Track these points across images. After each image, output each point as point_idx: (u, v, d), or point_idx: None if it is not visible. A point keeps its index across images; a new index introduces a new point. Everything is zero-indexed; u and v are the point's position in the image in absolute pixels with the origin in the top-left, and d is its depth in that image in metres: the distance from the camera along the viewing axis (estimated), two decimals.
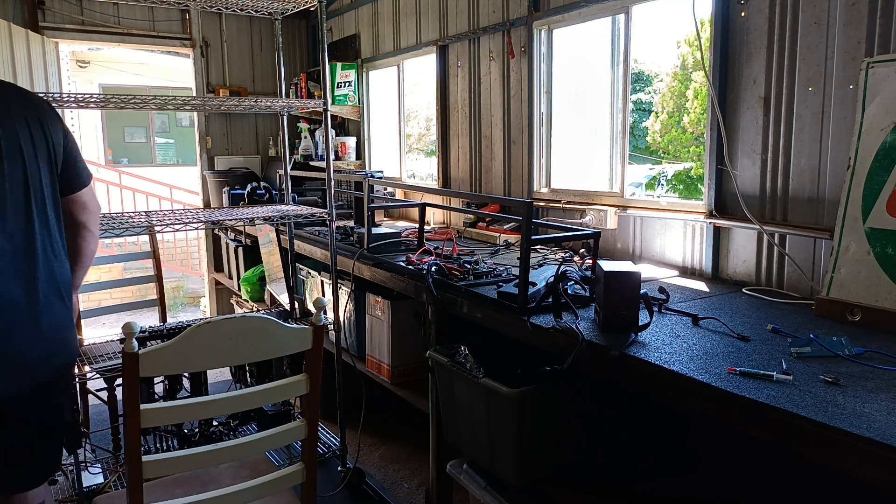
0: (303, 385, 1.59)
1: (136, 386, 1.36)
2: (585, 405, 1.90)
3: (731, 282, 2.34)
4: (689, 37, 9.30)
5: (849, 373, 1.39)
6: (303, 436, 1.61)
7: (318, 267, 3.45)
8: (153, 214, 2.59)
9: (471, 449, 2.06)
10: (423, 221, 2.92)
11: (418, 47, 4.03)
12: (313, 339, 1.57)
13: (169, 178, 9.26)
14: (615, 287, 1.68)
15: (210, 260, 5.55)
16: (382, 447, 3.31)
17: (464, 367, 1.95)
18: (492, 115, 3.47)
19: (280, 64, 3.07)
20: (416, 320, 2.74)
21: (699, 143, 10.00)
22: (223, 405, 1.54)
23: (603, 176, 2.95)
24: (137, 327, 1.37)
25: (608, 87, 2.88)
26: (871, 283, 1.74)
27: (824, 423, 1.15)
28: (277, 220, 2.73)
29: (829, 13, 2.00)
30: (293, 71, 5.50)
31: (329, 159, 2.76)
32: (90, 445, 2.85)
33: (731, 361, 1.48)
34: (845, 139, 1.98)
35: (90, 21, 4.74)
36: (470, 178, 3.71)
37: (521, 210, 1.97)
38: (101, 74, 10.05)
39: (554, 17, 3.01)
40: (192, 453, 1.46)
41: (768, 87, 2.19)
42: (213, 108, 4.04)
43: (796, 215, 2.15)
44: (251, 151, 5.54)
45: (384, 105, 4.68)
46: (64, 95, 2.20)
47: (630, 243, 2.76)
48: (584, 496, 1.83)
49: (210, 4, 2.67)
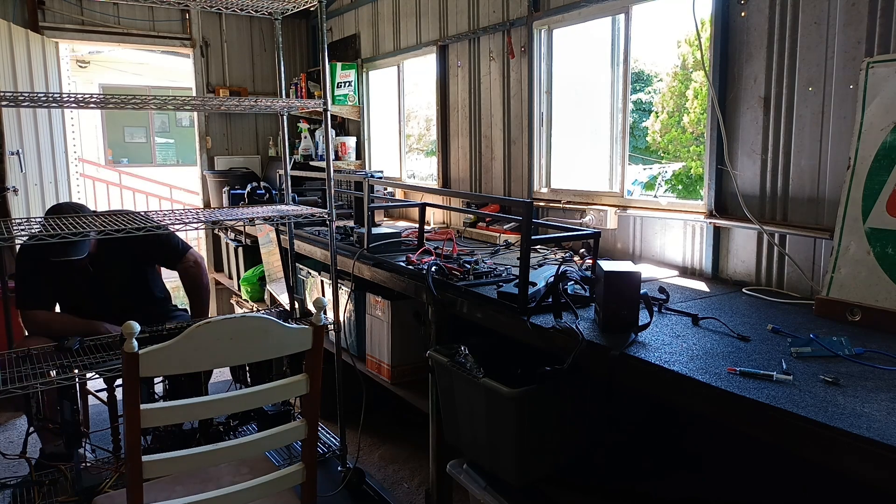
0: (303, 385, 1.59)
1: (136, 386, 1.36)
2: (585, 405, 1.90)
3: (731, 282, 2.34)
4: (689, 37, 9.31)
5: (849, 373, 1.39)
6: (303, 436, 1.61)
7: (318, 267, 3.45)
8: (153, 214, 2.59)
9: (471, 449, 2.06)
10: (423, 221, 2.92)
11: (418, 47, 4.03)
12: (313, 339, 1.57)
13: (169, 178, 9.25)
14: (615, 287, 1.68)
15: (210, 260, 5.54)
16: (382, 447, 3.30)
17: (464, 367, 1.95)
18: (492, 115, 3.47)
19: (280, 64, 3.07)
20: (416, 320, 2.74)
21: (699, 143, 10.00)
22: (223, 405, 1.54)
23: (603, 176, 2.96)
24: (137, 327, 1.36)
25: (608, 87, 2.88)
26: (871, 283, 1.74)
27: (824, 422, 1.15)
28: (277, 220, 2.73)
29: (829, 13, 2.00)
30: (293, 71, 5.49)
31: (329, 159, 2.76)
32: (90, 445, 2.85)
33: (731, 361, 1.48)
34: (845, 139, 1.98)
35: (90, 21, 4.74)
36: (470, 178, 3.71)
37: (521, 210, 1.97)
38: (100, 74, 10.05)
39: (554, 17, 3.01)
40: (192, 453, 1.46)
41: (768, 87, 2.19)
42: (213, 108, 4.04)
43: (796, 215, 2.15)
44: (251, 151, 5.54)
45: (384, 105, 4.68)
46: (64, 95, 2.20)
47: (630, 243, 2.76)
48: (584, 496, 1.83)
49: (210, 4, 2.66)
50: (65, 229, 2.06)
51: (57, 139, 4.57)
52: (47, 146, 4.41)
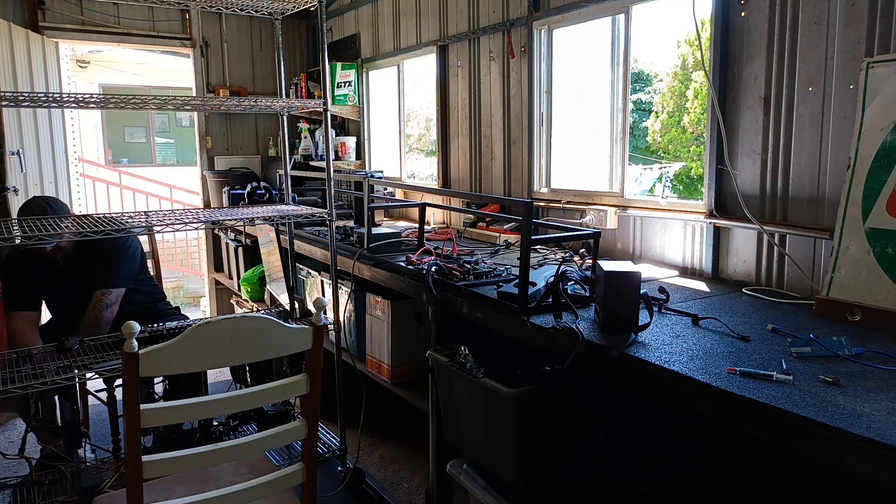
0: (303, 385, 1.59)
1: (136, 386, 1.36)
2: (585, 405, 1.90)
3: (731, 282, 2.34)
4: (689, 37, 9.30)
5: (849, 373, 1.39)
6: (303, 436, 1.61)
7: (318, 267, 3.45)
8: (153, 214, 2.59)
9: (471, 449, 2.06)
10: (423, 221, 2.92)
11: (418, 47, 4.03)
12: (313, 339, 1.57)
13: (169, 178, 9.25)
14: (615, 287, 1.68)
15: (210, 260, 5.55)
16: (382, 447, 3.31)
17: (464, 367, 1.95)
18: (492, 115, 3.47)
19: (280, 64, 3.07)
20: (416, 320, 2.74)
21: (699, 143, 10.00)
22: (223, 405, 1.54)
23: (603, 176, 2.96)
24: (137, 327, 1.36)
25: (608, 87, 2.88)
26: (871, 283, 1.74)
27: (824, 422, 1.15)
28: (277, 220, 2.73)
29: (829, 13, 2.00)
30: (293, 71, 5.49)
31: (329, 159, 2.76)
32: (90, 445, 2.85)
33: (731, 361, 1.48)
34: (845, 139, 1.98)
35: (90, 21, 4.74)
36: (470, 178, 3.71)
37: (521, 210, 1.97)
38: (101, 74, 10.05)
39: (554, 17, 3.01)
40: (192, 453, 1.46)
41: (768, 87, 2.19)
42: (213, 108, 4.04)
43: (796, 215, 2.15)
44: (251, 151, 5.54)
45: (384, 105, 4.68)
46: (64, 95, 2.19)
47: (630, 243, 2.76)
48: (584, 496, 1.83)
49: (210, 4, 2.66)
50: (35, 231, 2.04)
51: (57, 139, 4.57)
52: (47, 146, 4.41)
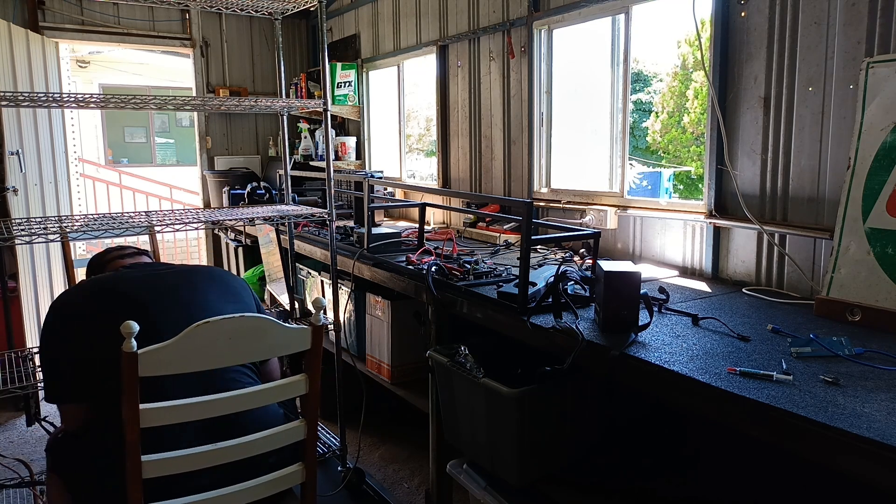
0: (302, 385, 1.59)
1: (136, 386, 1.36)
2: (585, 405, 1.90)
3: (731, 282, 2.34)
4: (689, 37, 9.32)
5: (849, 373, 1.39)
6: (303, 436, 1.61)
7: (318, 267, 3.45)
8: (153, 214, 2.59)
9: (471, 449, 2.06)
10: (423, 221, 2.92)
11: (418, 47, 4.03)
12: (313, 339, 1.57)
13: (169, 178, 9.26)
14: (615, 287, 1.68)
15: (210, 260, 5.54)
16: (382, 447, 3.30)
17: (464, 367, 1.95)
18: (492, 115, 3.47)
19: (280, 64, 3.07)
20: (416, 320, 2.74)
21: (699, 143, 10.00)
22: (223, 405, 1.54)
23: (603, 176, 2.95)
24: (136, 327, 1.36)
25: (608, 87, 2.88)
26: (871, 283, 1.74)
27: (824, 423, 1.15)
28: (277, 220, 2.73)
29: (828, 13, 2.00)
30: (293, 71, 5.50)
31: (329, 159, 2.76)
32: None
33: (731, 361, 1.47)
34: (845, 139, 1.98)
35: (90, 21, 4.74)
36: (470, 178, 3.71)
37: (521, 210, 1.96)
38: (101, 74, 10.06)
39: (554, 17, 3.01)
40: (192, 453, 1.46)
41: (768, 87, 2.19)
42: (213, 108, 4.03)
43: (796, 215, 2.15)
44: (251, 151, 5.54)
45: (384, 105, 4.68)
46: (64, 95, 2.19)
47: (630, 243, 2.76)
48: (584, 496, 1.83)
49: (210, 4, 2.66)
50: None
51: (57, 139, 4.57)
52: (47, 146, 4.41)
